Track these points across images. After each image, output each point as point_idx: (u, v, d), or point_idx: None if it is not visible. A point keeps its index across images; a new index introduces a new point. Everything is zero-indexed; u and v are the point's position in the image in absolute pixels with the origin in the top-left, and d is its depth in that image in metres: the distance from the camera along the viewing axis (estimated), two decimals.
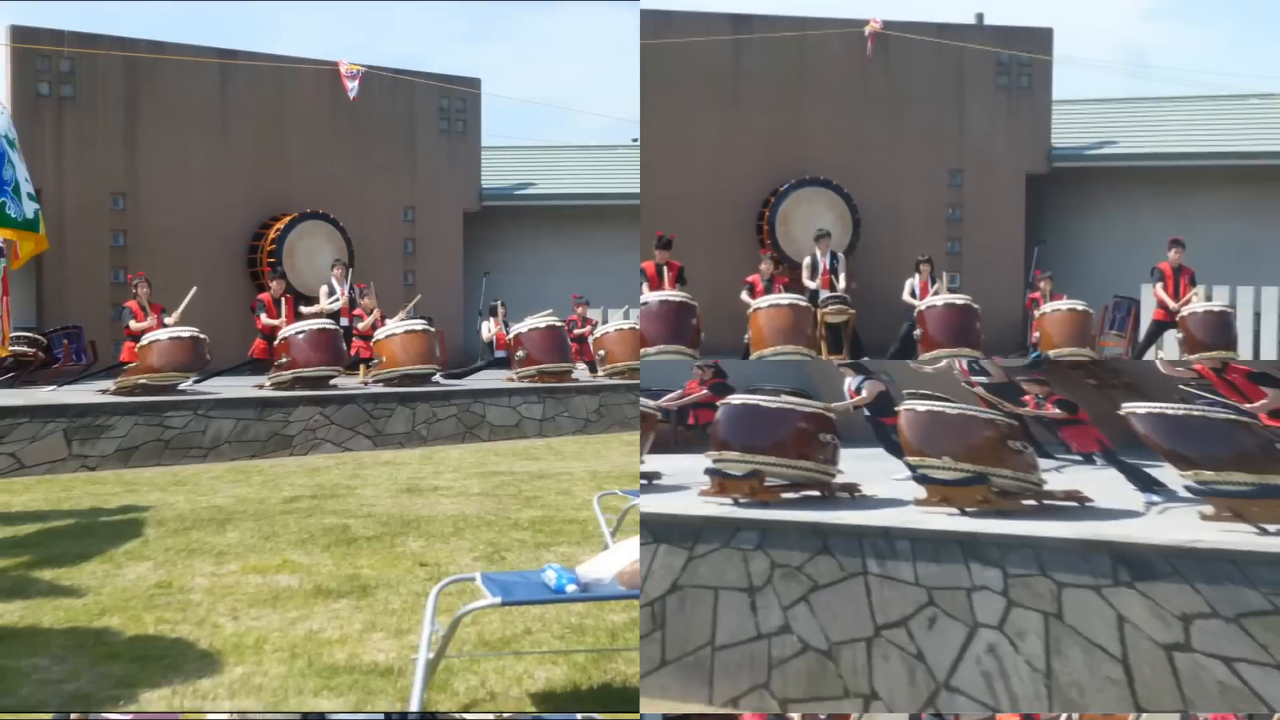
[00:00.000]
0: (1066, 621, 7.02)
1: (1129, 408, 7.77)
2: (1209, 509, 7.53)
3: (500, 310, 21.24)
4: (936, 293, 17.71)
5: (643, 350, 16.17)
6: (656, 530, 8.37)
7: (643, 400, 10.88)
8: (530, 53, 68.79)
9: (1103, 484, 8.86)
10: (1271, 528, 7.28)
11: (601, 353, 20.58)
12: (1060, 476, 9.29)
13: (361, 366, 19.46)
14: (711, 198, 20.93)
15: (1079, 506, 8.38)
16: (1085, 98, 25.43)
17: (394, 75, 24.90)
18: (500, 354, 20.62)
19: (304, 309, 19.35)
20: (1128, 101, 25.45)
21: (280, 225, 23.08)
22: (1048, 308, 17.36)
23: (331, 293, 19.79)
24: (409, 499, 11.30)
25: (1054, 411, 9.22)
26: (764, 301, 16.68)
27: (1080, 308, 17.23)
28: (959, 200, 21.50)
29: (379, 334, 18.91)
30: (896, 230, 21.02)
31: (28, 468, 14.02)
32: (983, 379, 10.73)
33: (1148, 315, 18.54)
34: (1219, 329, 16.79)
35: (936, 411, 8.54)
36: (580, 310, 22.55)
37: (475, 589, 6.06)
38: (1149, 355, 18.28)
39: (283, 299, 18.56)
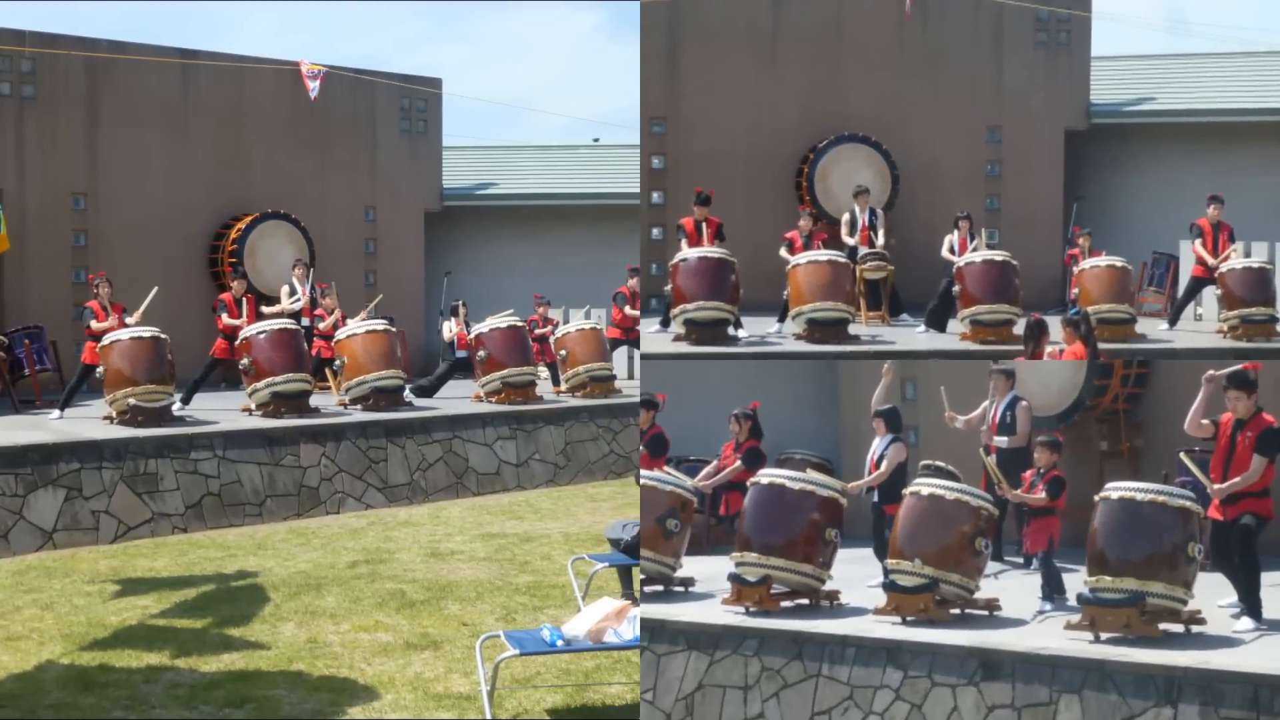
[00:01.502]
0: (924, 712, 8.70)
1: (1105, 492, 8.86)
2: (1075, 618, 8.76)
3: (461, 310, 21.29)
4: (975, 249, 17.69)
5: (680, 306, 16.20)
6: (689, 637, 9.80)
7: (676, 476, 10.95)
8: (490, 52, 68.68)
9: (1019, 590, 10.12)
10: (1104, 635, 8.52)
11: (563, 353, 20.68)
12: (992, 582, 10.35)
13: (327, 371, 19.48)
14: (750, 154, 20.79)
15: (988, 615, 9.52)
16: (1124, 54, 25.34)
17: (355, 75, 24.90)
18: (461, 354, 20.67)
19: (265, 309, 19.34)
20: (1166, 58, 25.39)
21: (241, 225, 23.07)
22: (1086, 264, 17.41)
23: (293, 293, 19.80)
24: (437, 564, 13.51)
25: (1039, 497, 9.77)
26: (803, 258, 16.67)
27: (1119, 264, 17.29)
28: (998, 156, 21.38)
29: (340, 334, 18.91)
30: (935, 186, 20.87)
31: (134, 529, 15.08)
32: (1004, 440, 10.89)
33: (1186, 271, 18.64)
34: (1258, 285, 16.88)
35: (938, 495, 9.56)
36: (541, 310, 22.64)
37: (501, 643, 8.70)
38: (1187, 312, 18.54)
39: (244, 299, 18.52)
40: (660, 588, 10.54)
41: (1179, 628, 8.67)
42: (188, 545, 14.56)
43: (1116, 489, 8.84)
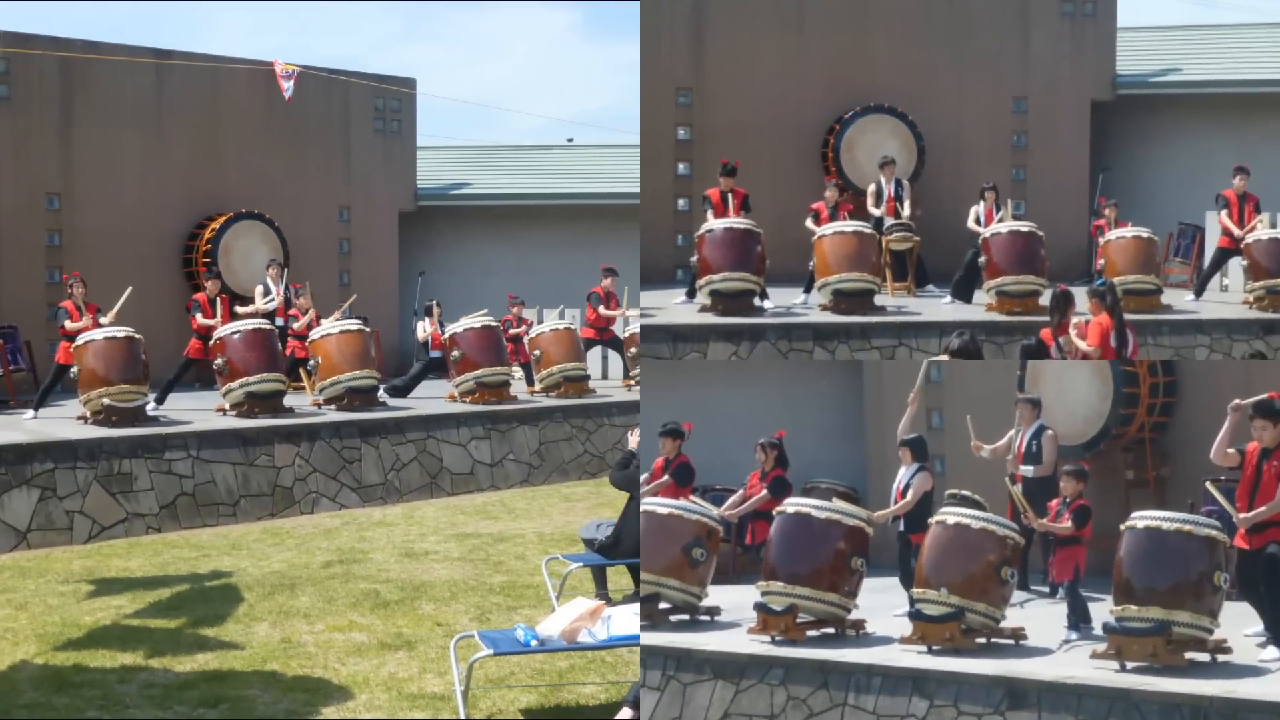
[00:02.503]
0: None
1: (1130, 521, 8.88)
2: (1101, 647, 8.77)
3: (435, 310, 21.31)
4: (1001, 220, 17.79)
5: (706, 277, 16.25)
6: (715, 666, 9.76)
7: (702, 505, 10.91)
8: (464, 52, 68.67)
9: (1045, 619, 10.05)
10: (1130, 665, 8.52)
11: (537, 353, 20.74)
12: (1018, 611, 10.23)
13: (301, 371, 19.52)
14: (775, 125, 20.68)
15: (1014, 644, 9.48)
16: (1150, 25, 25.20)
17: (329, 75, 24.92)
18: (435, 354, 20.69)
19: (239, 309, 19.37)
20: (1193, 29, 25.21)
21: (215, 225, 23.08)
22: (1112, 235, 17.51)
23: (267, 293, 19.84)
24: (411, 564, 13.52)
25: (1065, 526, 9.74)
26: (829, 229, 16.76)
27: (1145, 235, 17.39)
28: (1024, 127, 21.35)
29: (314, 334, 18.95)
30: (961, 157, 20.84)
31: (108, 529, 15.14)
32: (1030, 469, 10.86)
33: (1212, 242, 18.72)
34: None
35: (964, 524, 9.55)
36: (515, 310, 22.67)
37: (475, 643, 8.71)
38: (1213, 283, 18.62)
39: (218, 299, 18.55)
40: (686, 616, 10.44)
41: (1205, 657, 8.68)
42: (162, 545, 14.58)
43: (1142, 518, 8.89)
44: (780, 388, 13.96)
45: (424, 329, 21.20)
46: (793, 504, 10.23)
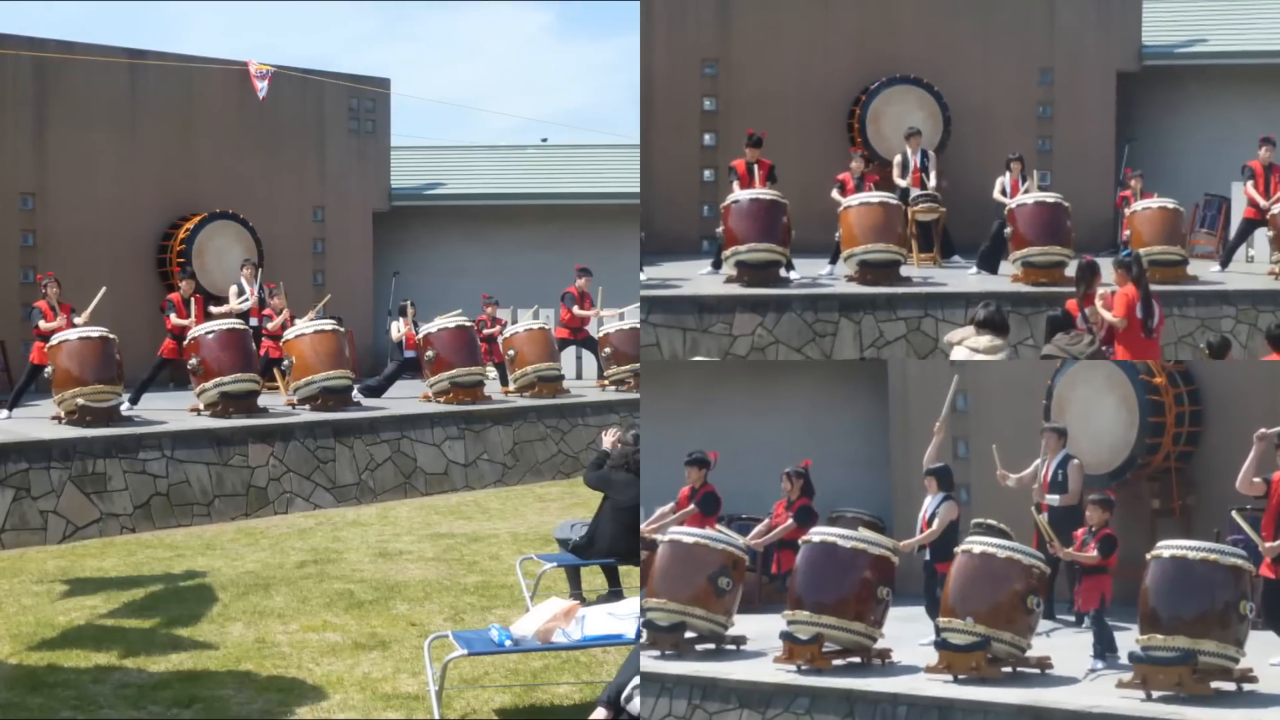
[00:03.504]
0: None
1: (1156, 550, 8.97)
2: (1127, 677, 8.85)
3: (410, 310, 21.33)
4: (1027, 190, 17.81)
5: (732, 248, 16.28)
6: (741, 695, 9.85)
7: (728, 534, 10.97)
8: (438, 52, 68.61)
9: (1071, 649, 10.02)
10: (1156, 694, 8.64)
11: (511, 353, 20.76)
12: (1044, 640, 10.22)
13: (275, 371, 19.52)
14: (801, 96, 20.55)
15: (1040, 673, 9.50)
16: None
17: (303, 75, 24.94)
18: (410, 354, 20.71)
19: (213, 309, 19.34)
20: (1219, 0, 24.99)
21: (190, 225, 23.09)
22: (1138, 206, 17.55)
23: (241, 293, 19.83)
24: (385, 564, 13.59)
25: (1091, 555, 9.71)
26: (855, 200, 16.80)
27: (1171, 206, 17.42)
28: (1049, 98, 21.14)
29: (288, 334, 18.92)
30: (987, 128, 20.63)
31: (82, 529, 15.14)
32: (1056, 498, 10.81)
33: (1238, 213, 18.73)
34: None
35: (990, 553, 9.60)
36: (490, 310, 22.70)
37: (449, 643, 8.73)
38: (1239, 254, 18.64)
39: (192, 299, 18.52)
40: (712, 646, 10.47)
41: (1231, 686, 8.73)
42: (136, 545, 14.61)
43: (1168, 547, 8.94)
44: (806, 417, 13.90)
45: (398, 329, 21.22)
46: (818, 533, 10.29)
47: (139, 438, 15.96)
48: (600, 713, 7.84)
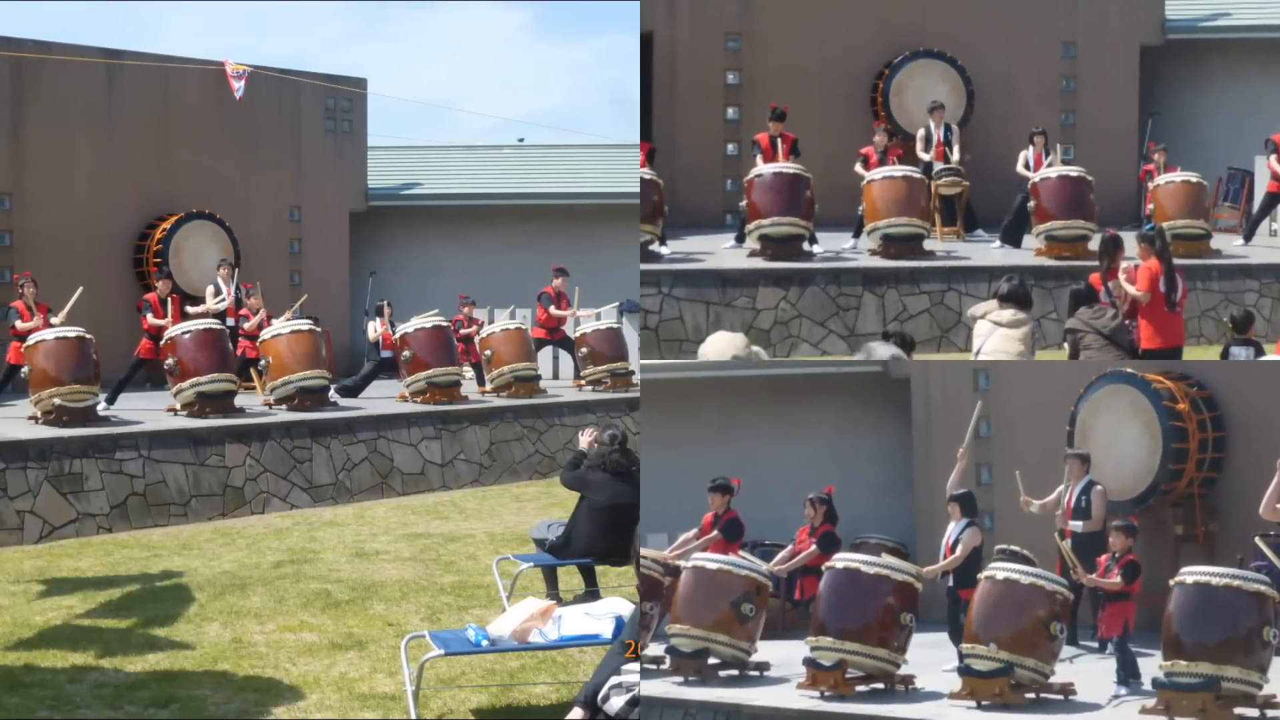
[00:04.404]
0: None
1: (1180, 576, 8.98)
2: (1150, 703, 8.90)
3: (386, 310, 21.35)
4: (1050, 165, 17.87)
5: (755, 222, 16.34)
6: None
7: (751, 560, 10.95)
8: (415, 52, 68.56)
9: (1094, 675, 10.03)
10: None
11: (488, 353, 20.80)
12: (1067, 667, 10.20)
13: (252, 371, 19.54)
14: (825, 70, 20.61)
15: (1063, 699, 9.49)
16: None
17: (280, 75, 24.93)
18: (386, 354, 20.74)
19: (190, 309, 19.38)
20: None
21: (166, 225, 23.07)
22: (1161, 179, 17.68)
23: (218, 293, 19.87)
24: (362, 564, 13.64)
25: (1114, 582, 9.71)
26: (878, 173, 16.93)
27: (1194, 179, 17.57)
28: (1073, 72, 21.21)
29: (265, 334, 18.96)
30: (1010, 102, 20.72)
31: (59, 529, 15.16)
32: (1079, 524, 10.73)
33: (1262, 187, 18.76)
34: None
35: (1013, 580, 9.59)
36: (466, 310, 22.70)
37: (426, 643, 8.75)
38: (1262, 228, 18.70)
39: (169, 299, 18.55)
40: (735, 672, 10.41)
41: (1254, 712, 8.75)
42: (113, 545, 14.62)
43: (1191, 573, 8.96)
44: (829, 442, 13.76)
45: (375, 329, 21.24)
46: (842, 559, 10.27)
47: (116, 438, 15.97)
48: (577, 713, 7.86)
